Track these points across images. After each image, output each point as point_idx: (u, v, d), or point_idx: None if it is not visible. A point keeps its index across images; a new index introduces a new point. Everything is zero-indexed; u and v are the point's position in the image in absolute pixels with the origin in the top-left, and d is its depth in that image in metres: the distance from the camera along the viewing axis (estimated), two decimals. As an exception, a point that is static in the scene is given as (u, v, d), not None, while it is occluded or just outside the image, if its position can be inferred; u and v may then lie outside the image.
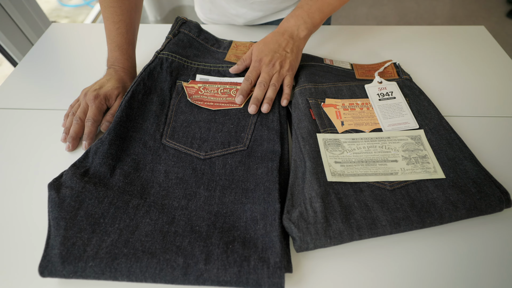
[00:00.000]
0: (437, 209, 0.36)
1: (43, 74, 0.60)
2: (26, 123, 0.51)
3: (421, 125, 0.47)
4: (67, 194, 0.37)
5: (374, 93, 0.52)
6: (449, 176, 0.40)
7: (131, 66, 0.54)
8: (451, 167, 0.41)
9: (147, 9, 1.73)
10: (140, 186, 0.40)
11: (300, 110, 0.48)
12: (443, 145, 0.43)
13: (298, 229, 0.34)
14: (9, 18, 1.02)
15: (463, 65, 0.60)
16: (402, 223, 0.35)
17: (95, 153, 0.41)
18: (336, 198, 0.37)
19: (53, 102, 0.54)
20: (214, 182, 0.40)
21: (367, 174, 0.40)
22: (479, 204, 0.37)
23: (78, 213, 0.35)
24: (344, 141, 0.44)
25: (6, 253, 0.37)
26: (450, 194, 0.38)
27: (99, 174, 0.40)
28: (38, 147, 0.47)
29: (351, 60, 0.62)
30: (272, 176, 0.40)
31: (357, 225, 0.35)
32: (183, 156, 0.43)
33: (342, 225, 0.35)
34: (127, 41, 0.52)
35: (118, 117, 0.44)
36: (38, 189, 0.42)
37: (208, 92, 0.51)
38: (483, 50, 0.64)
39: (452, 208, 0.36)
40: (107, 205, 0.37)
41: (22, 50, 1.07)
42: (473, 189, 0.38)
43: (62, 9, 1.97)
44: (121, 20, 0.51)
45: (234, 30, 0.71)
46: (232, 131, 0.46)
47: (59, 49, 0.66)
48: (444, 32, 0.68)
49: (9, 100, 0.55)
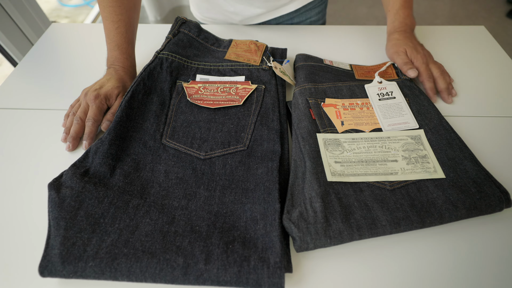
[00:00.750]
0: (437, 209, 0.36)
1: (43, 74, 0.60)
2: (26, 123, 0.51)
3: (421, 125, 0.46)
4: (67, 194, 0.37)
5: (374, 93, 0.52)
6: (449, 176, 0.40)
7: (130, 65, 0.54)
8: (451, 167, 0.41)
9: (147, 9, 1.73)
10: (140, 186, 0.40)
11: (300, 110, 0.48)
12: (443, 145, 0.43)
13: (298, 229, 0.34)
14: (9, 18, 1.02)
15: (463, 65, 0.60)
16: (402, 223, 0.35)
17: (95, 153, 0.41)
18: (336, 198, 0.37)
19: (53, 102, 0.54)
20: (214, 182, 0.40)
21: (367, 174, 0.40)
22: (479, 204, 0.37)
23: (78, 213, 0.35)
24: (344, 141, 0.44)
25: (6, 253, 0.37)
26: (450, 194, 0.38)
27: (99, 174, 0.40)
28: (38, 147, 0.47)
29: (351, 60, 0.62)
30: (272, 176, 0.40)
31: (357, 225, 0.35)
32: (183, 156, 0.43)
33: (342, 225, 0.35)
34: (126, 40, 0.53)
35: (118, 117, 0.44)
36: (38, 189, 0.42)
37: (208, 91, 0.51)
38: (483, 50, 0.64)
39: (452, 208, 0.36)
40: (107, 205, 0.37)
41: (22, 50, 1.08)
42: (473, 189, 0.38)
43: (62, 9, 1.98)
44: (120, 19, 0.52)
45: (232, 30, 0.71)
46: (232, 131, 0.46)
47: (59, 49, 0.66)
48: (444, 32, 0.68)
49: (9, 100, 0.55)
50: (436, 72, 0.54)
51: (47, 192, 0.37)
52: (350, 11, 2.12)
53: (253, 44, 0.58)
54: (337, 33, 0.69)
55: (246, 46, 0.59)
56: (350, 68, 0.58)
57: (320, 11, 0.76)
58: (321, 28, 0.70)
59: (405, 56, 0.55)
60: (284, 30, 0.70)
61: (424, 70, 0.53)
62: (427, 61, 0.55)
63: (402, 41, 0.57)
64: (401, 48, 0.56)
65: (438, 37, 0.67)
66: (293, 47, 0.65)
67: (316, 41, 0.67)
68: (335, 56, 0.63)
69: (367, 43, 0.66)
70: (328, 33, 0.69)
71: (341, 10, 2.13)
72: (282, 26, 0.71)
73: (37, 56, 0.64)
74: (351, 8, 2.14)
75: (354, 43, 0.66)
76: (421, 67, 0.54)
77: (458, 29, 0.69)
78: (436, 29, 0.69)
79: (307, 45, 0.66)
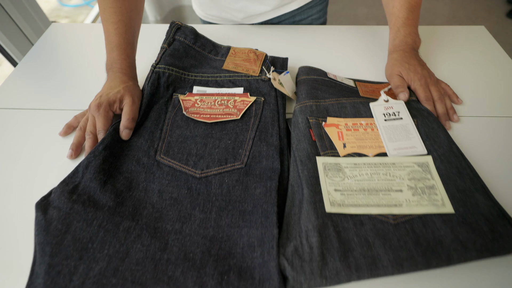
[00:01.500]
0: (444, 249, 0.33)
1: (43, 74, 0.60)
2: (26, 123, 0.51)
3: (429, 151, 0.43)
4: (54, 216, 0.35)
5: (380, 113, 0.48)
6: (458, 210, 0.36)
7: (129, 65, 0.51)
8: (460, 200, 0.37)
9: (147, 9, 1.73)
10: (132, 206, 0.38)
11: (300, 129, 0.45)
12: (452, 175, 0.40)
13: (291, 267, 0.32)
14: (9, 18, 1.02)
15: (463, 65, 0.60)
16: (405, 264, 0.32)
17: (86, 167, 0.39)
18: (334, 232, 0.35)
19: (53, 102, 0.54)
20: (210, 203, 0.38)
21: (369, 205, 0.37)
22: (491, 245, 0.33)
23: (65, 237, 0.33)
24: (345, 166, 0.41)
25: (6, 253, 0.36)
26: (459, 232, 0.34)
27: (89, 190, 0.38)
28: (38, 147, 0.47)
29: (351, 60, 0.62)
30: (271, 198, 0.38)
31: (356, 264, 0.32)
32: (178, 175, 0.41)
33: (339, 264, 0.32)
34: (125, 40, 0.51)
35: (110, 134, 0.43)
36: (38, 189, 0.42)
37: (205, 104, 0.49)
38: (483, 50, 0.64)
39: (461, 249, 0.33)
40: (96, 228, 0.34)
41: (22, 50, 1.08)
42: (485, 228, 0.34)
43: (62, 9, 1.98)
44: (120, 20, 0.50)
45: (233, 29, 0.71)
46: (229, 147, 0.44)
47: (59, 49, 0.66)
48: (444, 32, 0.68)
49: (9, 100, 0.55)
50: (436, 95, 0.51)
51: (34, 212, 0.35)
52: (350, 11, 2.12)
53: (252, 53, 0.56)
54: (337, 33, 0.69)
55: (245, 55, 0.56)
56: (354, 85, 0.54)
57: (321, 9, 0.76)
58: (321, 28, 0.70)
59: (398, 79, 0.52)
60: (285, 30, 0.70)
61: (422, 92, 0.50)
62: (426, 82, 0.52)
63: (399, 62, 0.54)
64: (395, 70, 0.53)
65: (438, 37, 0.67)
66: (294, 47, 0.65)
67: (316, 41, 0.67)
68: (335, 56, 0.63)
69: (367, 43, 0.66)
70: (328, 33, 0.69)
71: (341, 10, 2.13)
72: (283, 26, 0.71)
73: (37, 56, 0.64)
74: (351, 8, 2.14)
75: (354, 43, 0.66)
76: (418, 89, 0.51)
77: (458, 29, 0.69)
78: (436, 29, 0.69)
79: (307, 45, 0.66)
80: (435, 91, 0.51)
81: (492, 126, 0.49)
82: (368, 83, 0.56)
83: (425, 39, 0.66)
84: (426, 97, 0.50)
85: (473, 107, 0.52)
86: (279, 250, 0.34)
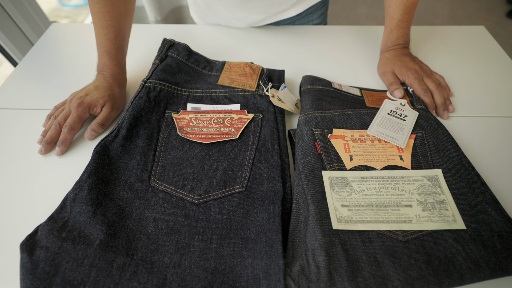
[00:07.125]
0: (456, 267, 0.32)
1: (43, 74, 0.60)
2: (26, 123, 0.51)
3: (439, 164, 0.41)
4: (41, 257, 0.31)
5: (388, 108, 0.47)
6: (470, 227, 0.35)
7: (120, 71, 0.53)
8: (472, 216, 0.36)
9: (147, 9, 1.73)
10: (126, 238, 0.35)
11: (304, 142, 0.44)
12: (463, 189, 0.38)
13: (298, 287, 0.31)
14: (9, 18, 1.02)
15: (463, 65, 0.60)
16: (416, 283, 0.31)
17: (73, 200, 0.36)
18: (342, 250, 0.33)
19: (53, 102, 0.54)
20: (209, 231, 0.36)
21: (377, 221, 0.36)
22: (505, 263, 0.32)
23: (53, 280, 0.30)
24: (352, 180, 0.40)
25: (6, 253, 0.37)
26: (472, 250, 0.33)
27: (79, 225, 0.35)
28: (38, 147, 0.47)
29: (351, 60, 0.62)
30: (275, 225, 0.35)
31: (365, 284, 0.31)
32: (175, 201, 0.39)
33: (348, 284, 0.31)
34: (115, 46, 0.52)
35: (93, 159, 0.40)
36: (38, 189, 0.42)
37: (200, 123, 0.47)
38: (483, 50, 0.64)
39: (474, 268, 0.32)
40: (88, 267, 0.31)
41: (22, 50, 1.08)
42: (498, 245, 0.33)
43: (62, 9, 1.98)
44: (110, 25, 0.51)
45: (231, 33, 0.71)
46: (228, 169, 0.42)
47: (59, 49, 0.66)
48: (444, 32, 0.68)
49: (9, 100, 0.55)
50: (432, 86, 0.52)
51: (19, 254, 0.32)
52: (350, 11, 2.12)
53: (248, 67, 0.53)
54: (337, 33, 0.69)
55: (240, 69, 0.54)
56: (360, 94, 0.53)
57: (321, 13, 0.75)
58: (321, 28, 0.70)
59: (391, 76, 0.54)
60: (285, 31, 0.70)
61: (418, 85, 0.51)
62: (420, 76, 0.53)
63: (390, 60, 0.55)
64: (388, 68, 0.55)
65: (438, 37, 0.67)
66: (294, 48, 0.65)
67: (316, 41, 0.67)
68: (335, 57, 0.63)
69: (367, 43, 0.66)
70: (328, 33, 0.69)
71: (341, 10, 2.13)
72: (283, 27, 0.71)
73: (37, 56, 0.64)
74: (351, 8, 2.14)
75: (354, 43, 0.66)
76: (413, 83, 0.52)
77: (458, 29, 0.69)
78: (436, 29, 0.69)
79: (307, 45, 0.66)
80: (430, 82, 0.53)
81: (492, 126, 0.49)
82: (375, 91, 0.55)
83: (425, 39, 0.66)
84: (423, 89, 0.51)
85: (473, 107, 0.52)
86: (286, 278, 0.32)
